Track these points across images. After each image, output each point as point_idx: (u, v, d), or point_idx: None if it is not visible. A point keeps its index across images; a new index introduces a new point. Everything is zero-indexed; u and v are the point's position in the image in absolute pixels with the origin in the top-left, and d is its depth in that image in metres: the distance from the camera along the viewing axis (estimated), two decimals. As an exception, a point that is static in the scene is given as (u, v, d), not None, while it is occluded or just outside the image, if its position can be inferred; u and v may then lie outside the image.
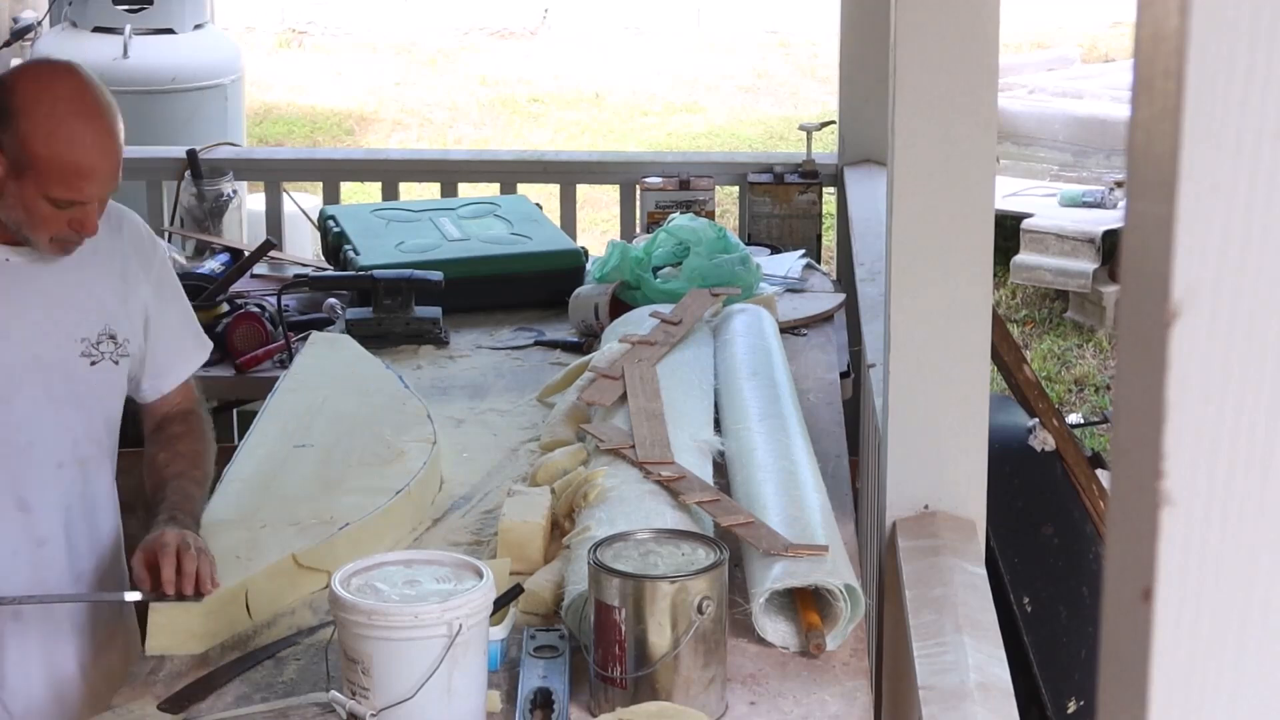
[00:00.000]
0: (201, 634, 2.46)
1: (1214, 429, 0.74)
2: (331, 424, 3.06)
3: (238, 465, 2.89)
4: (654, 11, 12.18)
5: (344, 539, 2.64)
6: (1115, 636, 0.78)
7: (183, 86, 6.06)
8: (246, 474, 2.86)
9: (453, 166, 5.32)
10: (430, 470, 2.91)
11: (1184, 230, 0.72)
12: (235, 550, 2.59)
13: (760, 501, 2.62)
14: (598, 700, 2.25)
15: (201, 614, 2.46)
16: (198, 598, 2.45)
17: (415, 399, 3.21)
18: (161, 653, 2.44)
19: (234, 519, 2.70)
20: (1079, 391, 6.90)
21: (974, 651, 2.31)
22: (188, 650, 2.45)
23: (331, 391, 3.21)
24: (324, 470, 2.87)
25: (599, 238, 6.27)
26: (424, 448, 2.96)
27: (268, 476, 2.85)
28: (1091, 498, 3.65)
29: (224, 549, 2.59)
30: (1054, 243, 7.36)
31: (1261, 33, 0.71)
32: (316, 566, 2.59)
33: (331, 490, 2.80)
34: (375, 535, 2.70)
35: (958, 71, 2.55)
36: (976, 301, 2.63)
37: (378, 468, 2.88)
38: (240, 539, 2.63)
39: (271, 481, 2.84)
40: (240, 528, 2.67)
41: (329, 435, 3.01)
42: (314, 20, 12.30)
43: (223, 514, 2.72)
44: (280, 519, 2.70)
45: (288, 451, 2.94)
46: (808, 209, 4.70)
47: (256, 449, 2.96)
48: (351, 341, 3.53)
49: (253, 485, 2.82)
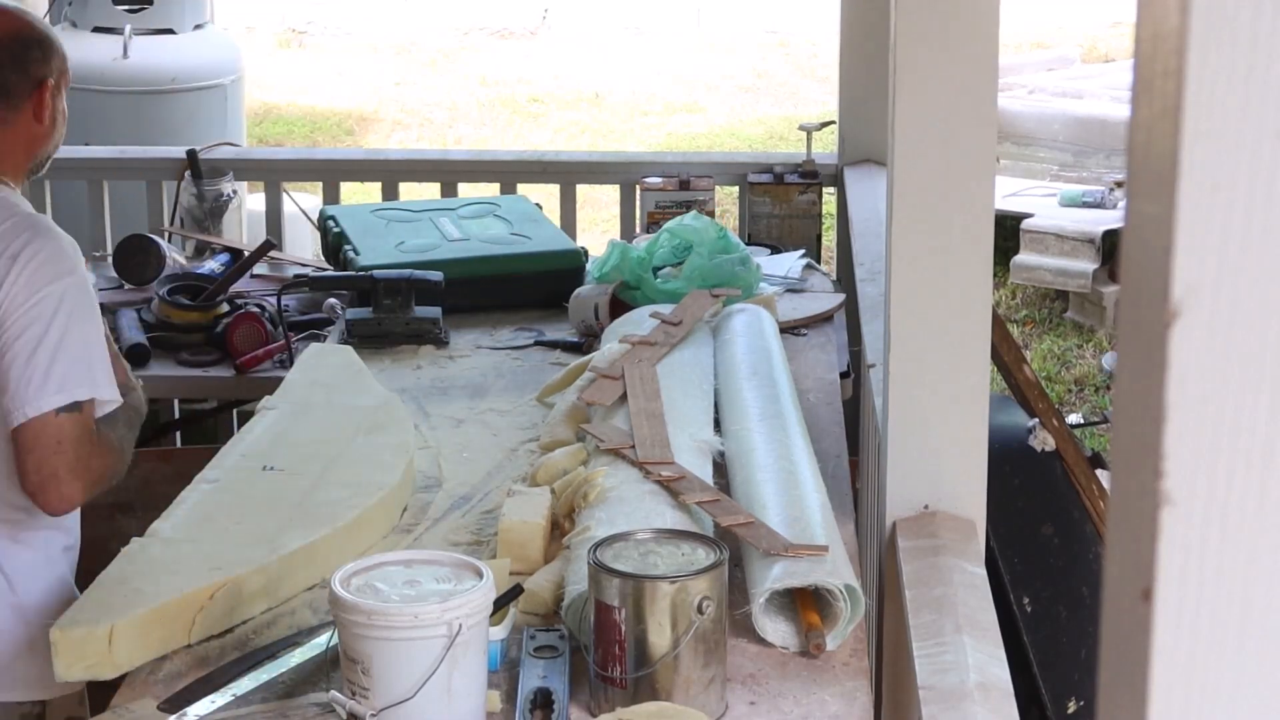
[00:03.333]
0: (113, 657, 2.37)
1: (1214, 429, 0.74)
2: (295, 448, 2.94)
3: (195, 486, 2.79)
4: (654, 11, 12.18)
5: (278, 563, 2.55)
6: (1115, 636, 0.78)
7: (183, 86, 6.06)
8: (198, 496, 2.75)
9: (453, 166, 5.32)
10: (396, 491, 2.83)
11: (1184, 230, 0.72)
12: (169, 568, 2.52)
13: (760, 501, 2.62)
14: (598, 700, 2.25)
15: (114, 636, 2.37)
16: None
17: (400, 406, 3.15)
18: (74, 678, 2.38)
19: (172, 537, 2.62)
20: (1079, 391, 6.90)
21: (974, 651, 2.31)
22: (97, 675, 2.38)
23: (311, 410, 3.12)
24: (279, 496, 2.76)
25: (599, 238, 6.27)
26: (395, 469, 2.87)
27: (223, 497, 2.75)
28: (1091, 498, 3.65)
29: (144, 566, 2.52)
30: (1054, 243, 7.36)
31: (1261, 33, 0.71)
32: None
33: (280, 516, 2.69)
34: (314, 560, 2.61)
35: (958, 71, 2.55)
36: (976, 301, 2.63)
37: (338, 496, 2.77)
38: (173, 557, 2.55)
39: (221, 505, 2.73)
40: (176, 546, 2.59)
41: (293, 458, 2.89)
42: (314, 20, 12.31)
43: (165, 532, 2.63)
44: (221, 540, 2.61)
45: (252, 471, 2.85)
46: (808, 209, 4.70)
47: (216, 469, 2.85)
48: (349, 352, 3.47)
49: (204, 507, 2.72)
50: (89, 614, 2.41)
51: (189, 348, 4.13)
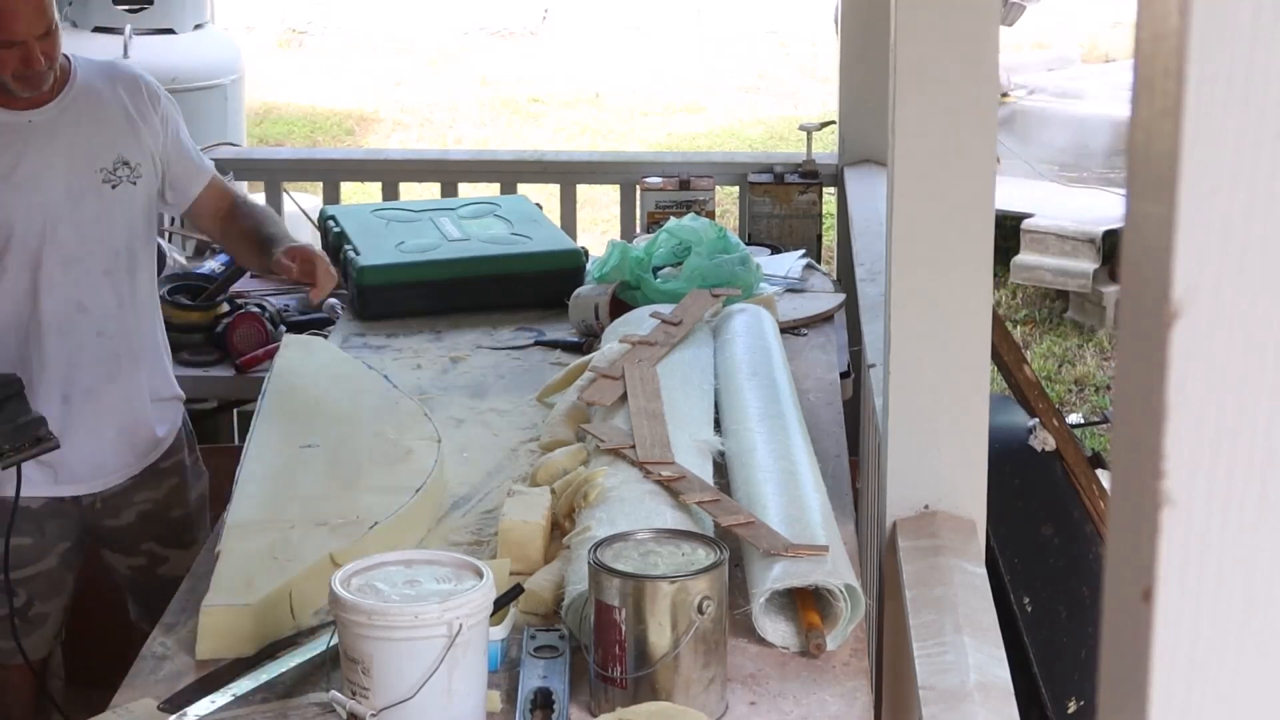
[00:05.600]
0: (251, 635, 2.45)
1: (1214, 429, 0.74)
2: (332, 424, 3.06)
3: (249, 469, 2.88)
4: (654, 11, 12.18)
5: (374, 537, 2.63)
6: (1115, 636, 0.78)
7: (183, 86, 6.05)
8: (260, 476, 2.85)
9: (453, 166, 5.32)
10: (441, 468, 2.92)
11: (1184, 230, 0.72)
12: (271, 552, 2.59)
13: (760, 501, 2.62)
14: (598, 700, 2.25)
15: (251, 616, 2.45)
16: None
17: (406, 397, 3.21)
18: (212, 656, 2.43)
19: (261, 520, 2.69)
20: (1079, 391, 6.90)
21: (974, 651, 2.31)
22: (238, 652, 2.43)
23: (322, 392, 3.21)
24: (336, 470, 2.88)
25: (599, 238, 6.27)
26: (430, 445, 2.97)
27: (282, 478, 2.85)
28: (1091, 498, 3.65)
29: (258, 551, 2.59)
30: (1054, 243, 7.36)
31: (1261, 33, 0.71)
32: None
33: (350, 489, 2.80)
34: (400, 533, 2.70)
35: (958, 71, 2.55)
36: (976, 301, 2.63)
37: (388, 466, 2.88)
38: (272, 540, 2.63)
39: (287, 483, 2.83)
40: (269, 529, 2.66)
41: (332, 435, 3.01)
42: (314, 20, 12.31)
43: (248, 515, 2.71)
44: (306, 519, 2.69)
45: (295, 452, 2.94)
46: (808, 209, 4.70)
47: (263, 451, 2.95)
48: (326, 343, 3.54)
49: (269, 487, 2.82)
50: (228, 595, 2.49)
51: (189, 348, 4.13)
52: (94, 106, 3.38)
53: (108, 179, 3.36)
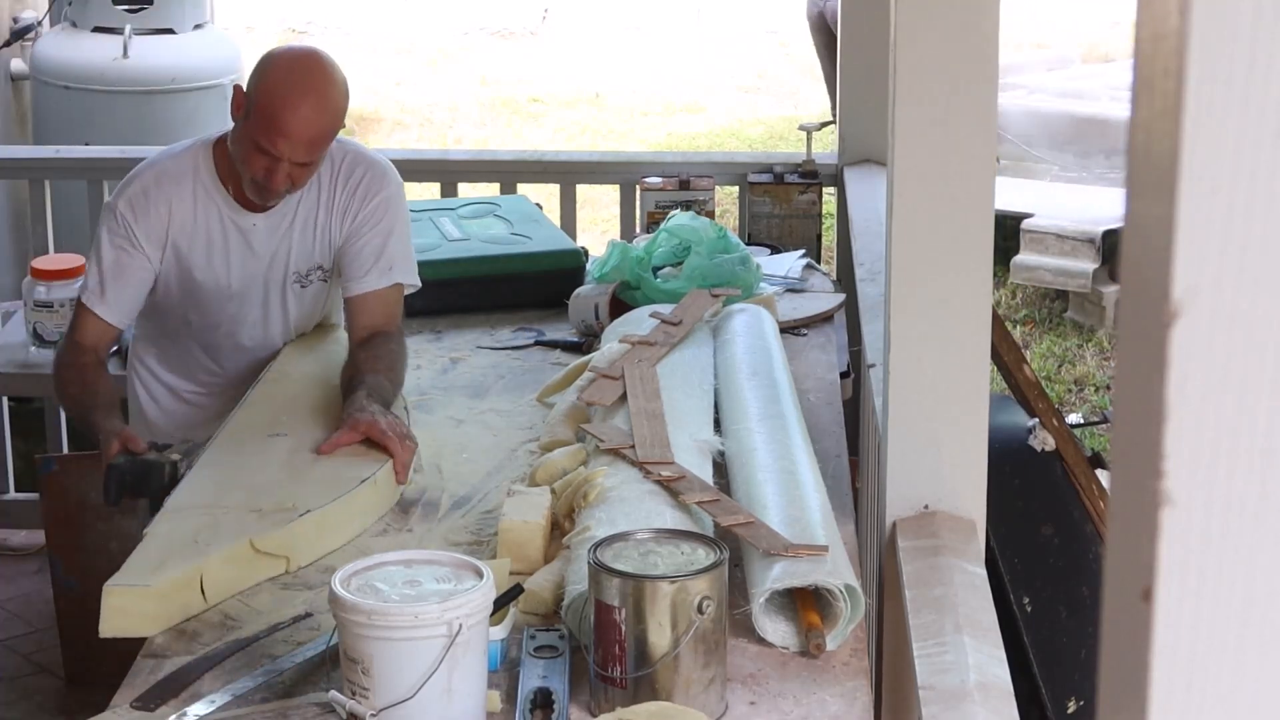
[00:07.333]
0: (155, 615, 2.47)
1: (1214, 429, 0.74)
2: (307, 415, 3.06)
3: (209, 454, 2.91)
4: (654, 11, 12.18)
5: (303, 525, 2.65)
6: (1115, 636, 0.78)
7: (183, 86, 6.05)
8: (216, 462, 2.87)
9: (453, 166, 5.32)
10: (390, 467, 2.91)
11: (1184, 230, 0.72)
12: (195, 534, 2.61)
13: (760, 501, 2.62)
14: (598, 700, 2.25)
15: (156, 597, 2.47)
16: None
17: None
18: (115, 634, 2.46)
19: (200, 504, 2.71)
20: (1079, 391, 6.90)
21: (974, 651, 2.31)
22: (141, 632, 2.46)
23: (306, 385, 3.21)
24: (294, 459, 2.88)
25: (599, 238, 6.26)
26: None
27: (237, 465, 2.86)
28: (1091, 498, 3.65)
29: (183, 533, 2.60)
30: (1054, 243, 7.36)
31: (1262, 33, 0.71)
32: (274, 552, 2.61)
33: (298, 480, 2.80)
34: (336, 524, 2.70)
35: (958, 71, 2.55)
36: (976, 301, 2.63)
37: (345, 459, 2.88)
38: (201, 523, 2.64)
39: (239, 470, 2.85)
40: (203, 513, 2.68)
41: (304, 424, 3.02)
42: (314, 20, 12.31)
43: (189, 500, 2.73)
44: (243, 505, 2.71)
45: (261, 441, 2.96)
46: (808, 209, 4.70)
47: (230, 439, 2.97)
48: (329, 342, 3.52)
49: (221, 473, 2.83)
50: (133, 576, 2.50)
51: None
52: (309, 210, 3.32)
53: (299, 280, 3.36)
